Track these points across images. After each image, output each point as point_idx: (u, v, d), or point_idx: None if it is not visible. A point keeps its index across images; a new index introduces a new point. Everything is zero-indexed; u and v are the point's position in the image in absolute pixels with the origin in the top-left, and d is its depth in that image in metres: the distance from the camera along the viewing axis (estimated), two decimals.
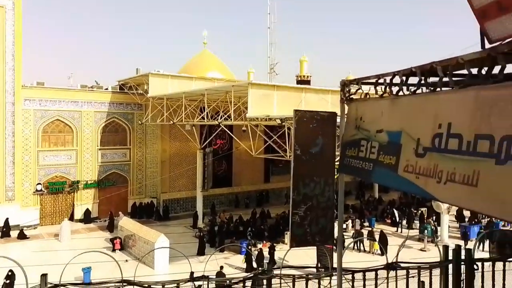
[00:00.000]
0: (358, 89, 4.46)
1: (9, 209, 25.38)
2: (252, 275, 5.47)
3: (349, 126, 4.60)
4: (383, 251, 21.10)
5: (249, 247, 22.13)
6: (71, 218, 27.73)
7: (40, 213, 27.17)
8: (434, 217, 26.44)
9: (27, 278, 4.60)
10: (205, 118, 23.21)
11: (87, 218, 28.28)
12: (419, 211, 28.00)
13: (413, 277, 6.12)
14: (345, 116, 4.70)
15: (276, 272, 5.65)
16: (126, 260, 20.55)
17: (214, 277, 14.21)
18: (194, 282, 5.13)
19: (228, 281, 5.57)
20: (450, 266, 6.33)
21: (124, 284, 4.91)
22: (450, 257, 6.34)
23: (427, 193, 3.19)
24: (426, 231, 23.61)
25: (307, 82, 32.07)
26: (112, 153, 30.02)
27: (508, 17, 2.44)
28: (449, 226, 24.22)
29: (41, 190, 27.03)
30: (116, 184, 30.08)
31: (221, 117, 22.82)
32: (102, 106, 29.29)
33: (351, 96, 4.61)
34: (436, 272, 6.46)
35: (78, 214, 28.46)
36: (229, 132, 25.37)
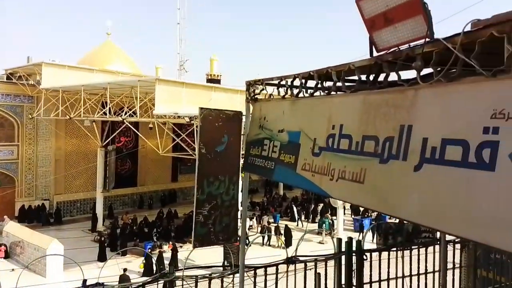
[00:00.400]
0: (262, 89, 4.57)
1: None
2: (151, 279, 5.25)
3: (253, 125, 4.68)
4: (287, 244, 22.71)
5: (152, 250, 21.40)
6: None
7: None
8: (331, 212, 28.51)
9: None
10: (107, 113, 21.77)
11: None
12: (318, 207, 29.96)
13: (310, 269, 6.48)
14: (250, 115, 4.77)
15: (178, 273, 5.51)
16: (13, 269, 18.42)
17: (116, 282, 13.43)
18: None
19: (130, 286, 5.26)
20: (344, 257, 6.87)
21: None
22: (344, 249, 6.88)
23: (321, 190, 3.38)
24: (324, 225, 25.36)
25: (217, 81, 32.11)
26: None
27: (392, 28, 2.70)
28: (344, 220, 26.33)
29: None
30: (1, 185, 26.61)
31: (125, 113, 21.63)
32: None
33: (255, 96, 4.70)
34: (332, 263, 6.95)
35: None
36: (134, 129, 24.16)
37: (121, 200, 31.97)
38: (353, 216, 28.32)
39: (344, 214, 27.54)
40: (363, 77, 3.08)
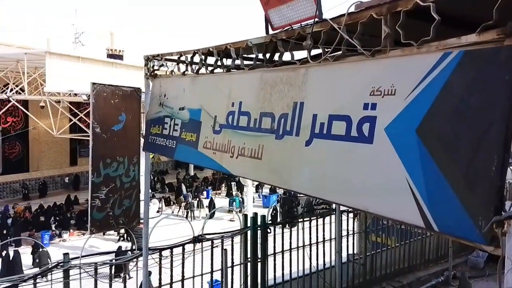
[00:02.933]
0: (162, 65, 4.36)
1: None
2: (42, 270, 4.81)
3: (153, 103, 4.48)
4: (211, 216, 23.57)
5: (51, 239, 19.80)
6: None
7: None
8: (241, 190, 29.25)
9: None
10: None
11: None
12: (229, 184, 30.48)
13: (217, 246, 6.56)
14: (150, 92, 4.55)
15: (75, 262, 5.14)
16: None
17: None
18: None
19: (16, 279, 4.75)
20: (249, 232, 7.09)
21: None
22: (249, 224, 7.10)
23: (222, 167, 3.38)
24: (234, 202, 25.95)
25: (120, 57, 30.07)
26: None
27: (286, 7, 2.75)
28: (254, 198, 27.20)
29: None
30: None
31: (11, 90, 19.18)
32: None
33: (155, 72, 4.48)
34: (239, 239, 7.13)
35: None
36: (22, 108, 21.60)
37: (12, 187, 28.69)
38: (260, 192, 29.40)
39: (256, 191, 28.51)
40: (260, 56, 3.11)
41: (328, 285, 7.91)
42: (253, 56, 3.10)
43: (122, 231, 18.24)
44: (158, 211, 24.55)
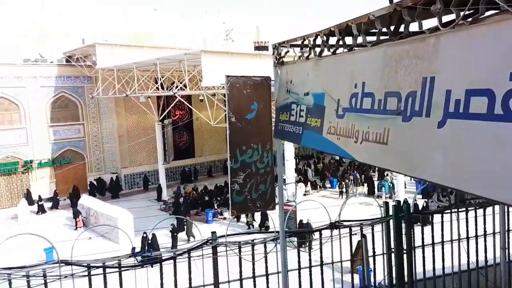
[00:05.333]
0: (287, 51, 4.36)
1: None
2: (196, 245, 5.45)
3: (281, 90, 4.53)
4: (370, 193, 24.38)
5: (214, 217, 22.41)
6: (28, 199, 26.65)
7: None
8: (391, 174, 27.61)
9: None
10: (160, 89, 22.49)
11: (45, 198, 27.29)
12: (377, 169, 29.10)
13: (355, 234, 6.35)
14: (278, 80, 4.61)
15: (221, 240, 5.67)
16: (90, 238, 20.15)
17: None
18: (136, 257, 5.06)
19: (173, 253, 5.53)
20: (392, 221, 6.63)
21: (62, 264, 4.75)
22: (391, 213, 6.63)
23: (347, 153, 3.21)
24: (383, 188, 24.68)
25: (265, 48, 31.61)
26: (64, 130, 28.70)
27: None
28: (405, 182, 25.34)
29: None
30: (73, 161, 29.04)
31: (176, 87, 22.20)
32: (49, 81, 27.60)
33: (282, 60, 4.51)
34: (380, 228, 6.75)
35: (35, 194, 27.41)
36: (186, 103, 24.83)
37: (181, 171, 33.43)
38: (413, 178, 27.21)
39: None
40: (384, 30, 2.79)
41: (491, 285, 6.85)
42: (376, 30, 2.80)
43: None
44: (304, 194, 25.24)
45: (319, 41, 3.61)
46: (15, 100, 26.44)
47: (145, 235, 17.48)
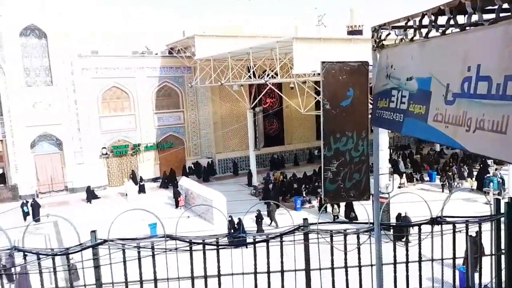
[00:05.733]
0: (388, 34, 4.12)
1: (79, 172, 27.82)
2: (288, 230, 5.55)
3: (380, 75, 4.31)
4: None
5: (302, 204, 22.51)
6: (133, 179, 29.72)
7: (108, 174, 29.44)
8: (500, 169, 24.72)
9: (79, 235, 5.05)
10: (252, 77, 23.06)
11: (149, 178, 30.17)
12: (483, 161, 26.28)
13: (459, 231, 5.84)
14: (377, 65, 4.40)
15: (313, 227, 5.68)
16: (188, 217, 21.70)
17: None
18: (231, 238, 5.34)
19: (265, 236, 5.70)
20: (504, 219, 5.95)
21: (167, 238, 5.21)
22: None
23: (456, 143, 2.95)
24: (491, 183, 22.23)
25: (359, 33, 30.28)
26: (167, 116, 31.24)
27: None
28: None
29: (106, 153, 29.12)
30: (174, 145, 31.52)
31: (268, 75, 22.54)
32: (154, 71, 30.18)
33: (382, 43, 4.28)
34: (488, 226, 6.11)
35: (142, 174, 30.49)
36: (277, 90, 25.11)
37: (271, 157, 34.09)
38: None
39: None
40: (505, 6, 2.47)
41: None
42: (495, 7, 2.49)
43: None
44: (399, 187, 23.92)
45: (425, 21, 3.34)
46: (126, 89, 29.46)
47: (230, 218, 18.36)
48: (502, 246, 5.83)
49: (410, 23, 3.59)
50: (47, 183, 27.41)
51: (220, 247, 5.21)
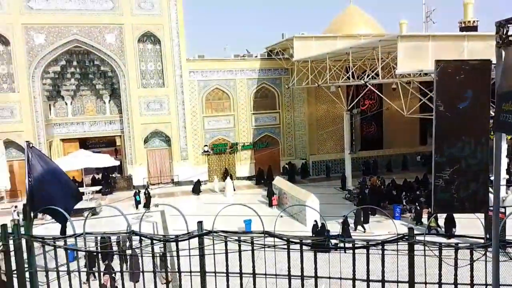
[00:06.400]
0: None
1: (183, 167, 30.14)
2: (392, 238, 5.28)
3: (507, 74, 3.86)
4: None
5: (402, 213, 21.19)
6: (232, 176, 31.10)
7: (208, 171, 31.36)
8: None
9: (187, 225, 5.46)
10: (351, 78, 22.43)
11: (243, 176, 31.35)
12: None
13: None
14: (502, 63, 3.94)
15: (419, 238, 5.32)
16: (281, 216, 22.02)
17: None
18: (330, 240, 5.27)
19: (366, 243, 5.51)
20: None
21: (266, 235, 5.37)
22: None
23: None
24: None
25: (474, 29, 27.44)
26: (263, 117, 32.12)
27: None
28: None
29: (207, 151, 31.06)
30: (269, 145, 32.26)
31: (367, 76, 21.71)
32: (253, 73, 31.26)
33: (509, 39, 3.82)
34: None
35: (239, 172, 31.84)
36: (377, 92, 24.03)
37: (366, 162, 32.78)
38: None
39: None
40: None
41: None
42: None
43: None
44: None
45: None
46: (227, 90, 31.04)
47: (315, 222, 18.04)
48: None
49: None
50: (156, 175, 30.27)
51: (316, 248, 5.19)
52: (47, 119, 28.75)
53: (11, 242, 5.31)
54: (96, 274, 10.01)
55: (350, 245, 5.55)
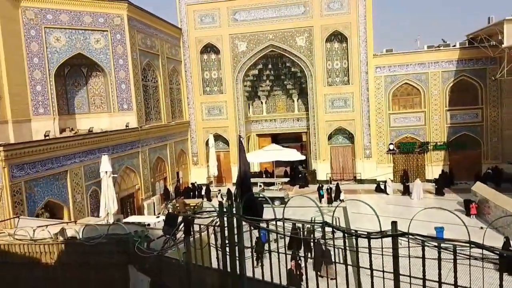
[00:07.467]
0: None
1: (367, 165, 29.56)
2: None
3: None
4: None
5: None
6: (407, 178, 28.70)
7: (393, 170, 29.85)
8: None
9: (380, 224, 5.41)
10: None
11: (433, 179, 28.43)
12: None
13: None
14: None
15: None
16: (481, 227, 19.15)
17: None
18: None
19: None
20: None
21: (472, 246, 4.83)
22: None
23: None
24: None
25: None
26: (461, 114, 28.43)
27: None
28: None
29: (393, 149, 29.56)
30: (467, 147, 28.40)
31: None
32: (450, 64, 27.97)
33: None
34: None
35: (428, 174, 29.19)
36: None
37: None
38: None
39: None
40: None
41: None
42: None
43: None
44: None
45: None
46: (417, 85, 28.79)
47: (505, 240, 14.77)
48: None
49: None
50: (339, 171, 30.68)
51: None
52: (246, 117, 32.81)
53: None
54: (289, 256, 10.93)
55: None
